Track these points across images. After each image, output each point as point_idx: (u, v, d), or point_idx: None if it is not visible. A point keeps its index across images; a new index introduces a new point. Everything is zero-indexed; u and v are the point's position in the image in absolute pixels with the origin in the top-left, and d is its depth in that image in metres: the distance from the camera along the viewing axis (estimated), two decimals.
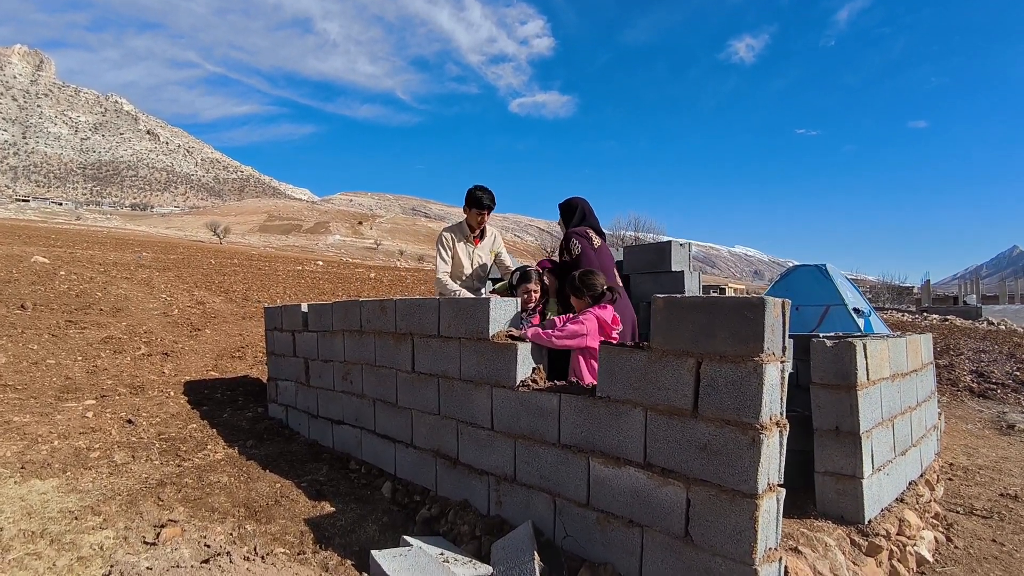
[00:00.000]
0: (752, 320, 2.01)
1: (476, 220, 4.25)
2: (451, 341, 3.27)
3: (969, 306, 28.57)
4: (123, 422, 4.70)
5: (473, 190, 4.20)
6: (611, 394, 2.43)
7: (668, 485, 2.22)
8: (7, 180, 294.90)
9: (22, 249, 20.86)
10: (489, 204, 4.20)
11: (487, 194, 4.21)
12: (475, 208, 4.19)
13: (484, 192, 4.20)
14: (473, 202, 4.19)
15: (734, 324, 2.06)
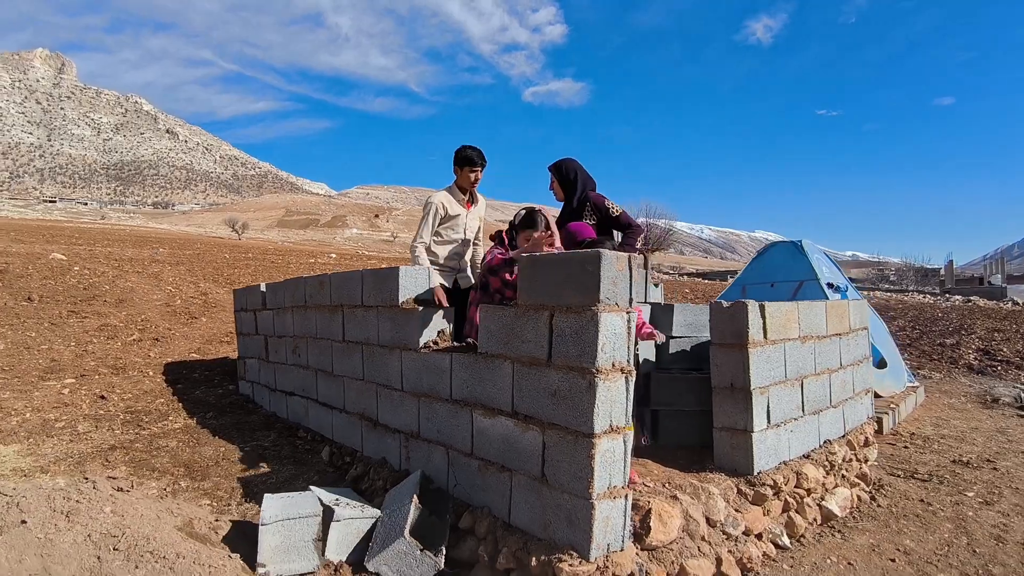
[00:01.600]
0: (591, 273, 2.16)
1: (470, 180, 3.89)
2: (371, 310, 3.47)
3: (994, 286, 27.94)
4: (96, 398, 5.00)
5: (462, 148, 3.86)
6: (488, 350, 2.60)
7: (529, 431, 2.38)
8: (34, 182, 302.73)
9: (43, 247, 21.54)
10: (481, 161, 3.85)
11: (476, 151, 3.86)
12: (467, 167, 3.84)
13: (474, 149, 3.85)
14: (465, 161, 3.83)
15: (578, 277, 2.21)
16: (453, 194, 3.96)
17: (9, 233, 30.92)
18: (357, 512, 2.55)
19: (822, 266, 8.43)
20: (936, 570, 3.22)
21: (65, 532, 1.60)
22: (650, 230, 51.18)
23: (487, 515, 2.55)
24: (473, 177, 3.88)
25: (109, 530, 1.69)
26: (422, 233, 3.84)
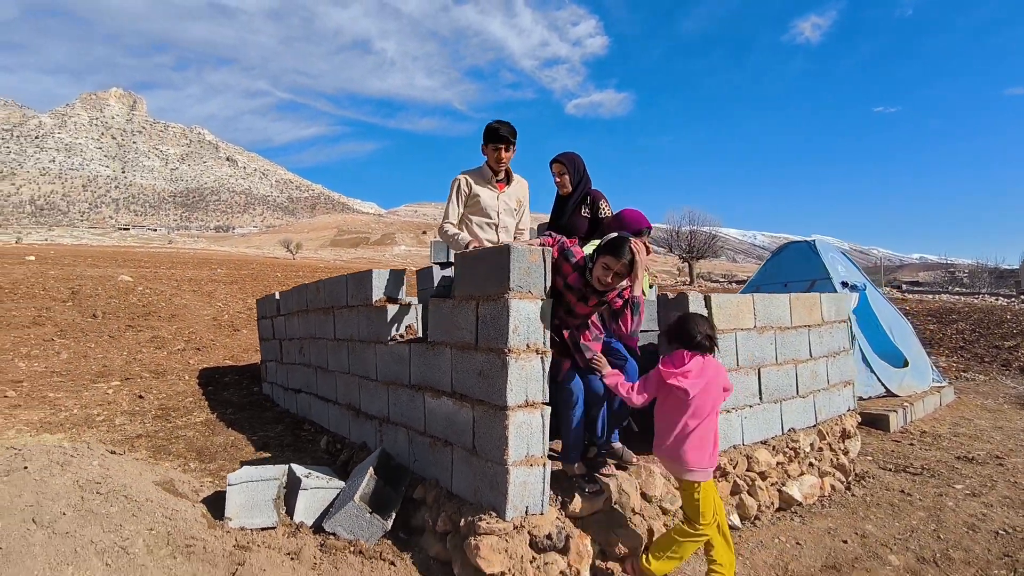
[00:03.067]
0: (503, 264, 2.46)
1: (495, 157, 3.50)
2: (354, 309, 3.85)
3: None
4: (135, 397, 5.61)
5: (490, 123, 3.52)
6: (434, 338, 2.92)
7: (463, 408, 2.68)
8: (111, 211, 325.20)
9: (114, 271, 23.35)
10: (508, 136, 3.46)
11: (505, 124, 3.50)
12: (492, 143, 3.47)
13: (502, 123, 3.50)
14: (490, 136, 3.47)
15: (495, 269, 2.51)
16: (481, 173, 3.59)
17: (87, 259, 33.52)
18: (323, 483, 2.90)
19: (836, 265, 8.35)
20: (888, 551, 3.29)
21: (58, 477, 2.02)
22: (694, 238, 50.30)
23: (435, 486, 2.86)
24: (497, 155, 3.49)
25: (94, 478, 2.10)
26: (448, 213, 3.53)
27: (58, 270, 21.04)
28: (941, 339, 13.08)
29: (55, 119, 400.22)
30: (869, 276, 8.95)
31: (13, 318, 10.26)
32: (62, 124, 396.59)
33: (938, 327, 13.97)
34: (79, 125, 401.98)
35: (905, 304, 20.07)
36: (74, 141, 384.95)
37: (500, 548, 2.33)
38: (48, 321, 10.31)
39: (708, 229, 51.52)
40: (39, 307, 11.60)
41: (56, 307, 11.86)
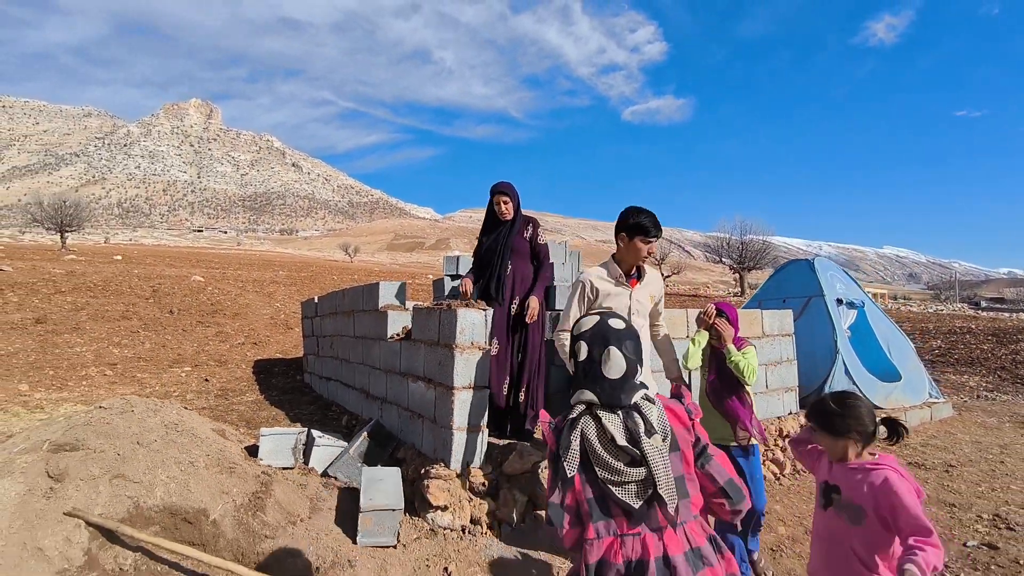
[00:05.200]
0: (454, 288, 3.40)
1: (636, 255, 2.95)
2: (368, 313, 4.88)
3: None
4: (202, 380, 6.87)
5: (631, 212, 2.92)
6: (416, 337, 3.89)
7: (430, 388, 3.63)
8: (187, 214, 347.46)
9: (188, 271, 25.80)
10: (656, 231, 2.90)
11: (650, 216, 2.91)
12: (638, 236, 2.89)
13: (646, 215, 2.90)
14: (635, 229, 2.89)
15: (450, 293, 3.45)
16: (608, 268, 3.03)
17: (165, 259, 36.70)
18: (332, 443, 3.91)
19: (835, 283, 8.81)
20: (780, 524, 3.98)
21: (151, 418, 3.08)
22: (745, 248, 49.37)
23: (412, 448, 3.82)
24: (646, 250, 2.93)
25: (174, 421, 3.15)
26: (566, 320, 2.98)
27: (141, 269, 23.49)
28: (987, 359, 13.01)
29: (141, 128, 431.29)
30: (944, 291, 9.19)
31: (106, 312, 12.00)
32: (147, 133, 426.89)
33: (993, 347, 13.83)
34: (162, 133, 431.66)
35: (976, 322, 19.66)
36: (157, 148, 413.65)
37: (444, 488, 3.26)
38: (134, 316, 11.99)
39: (761, 238, 50.37)
40: (126, 303, 13.40)
41: (140, 303, 13.64)
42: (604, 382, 1.50)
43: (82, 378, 6.73)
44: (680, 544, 1.43)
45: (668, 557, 1.40)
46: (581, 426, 1.48)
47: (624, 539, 1.44)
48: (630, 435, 1.44)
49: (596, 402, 1.50)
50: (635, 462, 1.43)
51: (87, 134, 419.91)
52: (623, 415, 1.47)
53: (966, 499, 4.71)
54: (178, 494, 2.72)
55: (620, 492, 1.42)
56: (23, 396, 5.79)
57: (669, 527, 1.44)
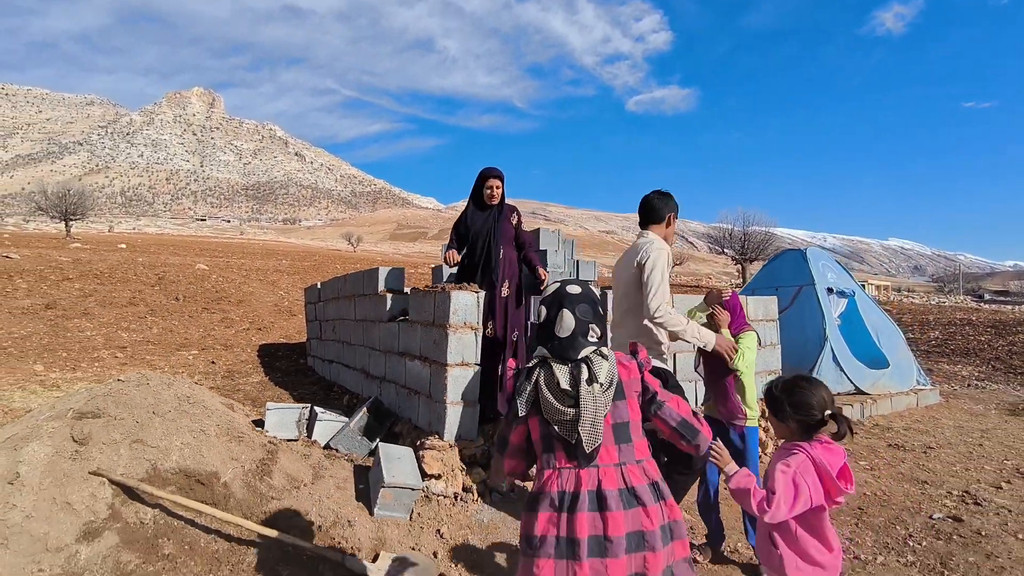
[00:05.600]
0: (452, 275, 3.61)
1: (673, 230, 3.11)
2: (368, 297, 5.10)
3: None
4: (209, 362, 7.12)
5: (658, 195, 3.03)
6: (412, 318, 4.11)
7: (426, 366, 3.85)
8: (190, 203, 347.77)
9: (192, 259, 26.07)
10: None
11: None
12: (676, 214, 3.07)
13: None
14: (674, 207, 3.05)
15: (448, 279, 3.66)
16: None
17: (169, 248, 36.95)
18: (334, 418, 4.14)
19: (827, 273, 9.00)
20: None
21: (166, 391, 3.30)
22: (747, 240, 49.49)
23: (408, 423, 4.05)
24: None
25: (186, 393, 3.38)
26: (665, 292, 2.84)
27: (145, 257, 23.73)
28: (982, 350, 13.20)
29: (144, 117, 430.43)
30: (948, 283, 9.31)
31: (114, 298, 12.26)
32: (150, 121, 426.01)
33: (991, 338, 14.01)
34: (164, 122, 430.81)
35: (977, 314, 19.83)
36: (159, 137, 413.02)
37: (438, 458, 3.49)
38: (141, 302, 12.25)
39: (763, 229, 50.47)
40: (133, 290, 13.66)
41: (146, 290, 13.90)
42: (555, 339, 1.69)
43: (94, 360, 6.99)
44: (616, 481, 1.59)
45: (601, 491, 1.57)
46: (535, 374, 1.68)
47: (560, 471, 1.62)
48: (573, 381, 1.62)
49: (549, 356, 1.69)
50: (568, 403, 1.61)
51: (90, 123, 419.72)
52: (571, 366, 1.65)
53: (939, 477, 4.92)
54: (191, 458, 2.95)
55: (559, 428, 1.61)
56: (39, 376, 6.05)
57: (611, 466, 1.61)
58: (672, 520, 1.63)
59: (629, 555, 1.54)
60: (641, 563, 1.55)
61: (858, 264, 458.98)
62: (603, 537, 1.54)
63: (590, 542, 1.53)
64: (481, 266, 3.90)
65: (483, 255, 3.94)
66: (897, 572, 3.25)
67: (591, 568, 1.52)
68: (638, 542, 1.56)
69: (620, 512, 1.55)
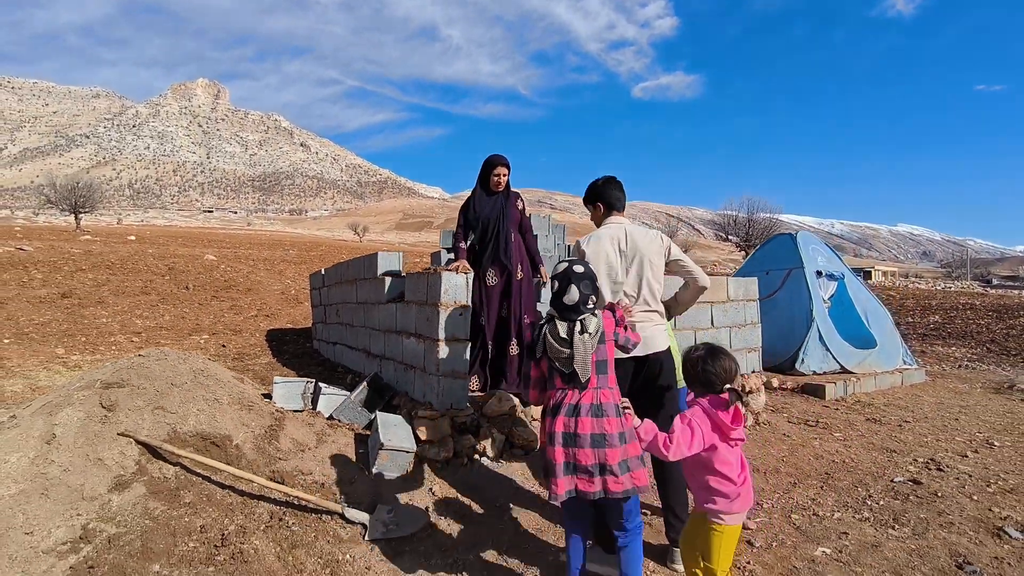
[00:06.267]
0: (438, 254, 3.90)
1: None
2: (369, 281, 5.41)
3: None
4: (219, 346, 7.47)
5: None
6: (409, 298, 4.41)
7: (421, 343, 4.16)
8: (197, 194, 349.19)
9: (201, 250, 26.49)
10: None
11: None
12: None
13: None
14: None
15: (443, 262, 3.95)
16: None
17: (177, 239, 37.43)
18: (337, 392, 4.47)
19: (817, 256, 9.23)
20: None
21: (182, 364, 3.63)
22: (752, 226, 49.61)
23: (405, 395, 4.37)
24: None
25: (200, 367, 3.70)
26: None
27: (155, 249, 24.16)
28: (979, 333, 13.40)
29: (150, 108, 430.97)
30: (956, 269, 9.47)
31: (126, 288, 12.66)
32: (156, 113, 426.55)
33: (990, 322, 14.21)
34: (170, 114, 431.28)
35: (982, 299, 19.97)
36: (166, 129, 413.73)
37: (430, 426, 3.81)
38: (153, 291, 12.64)
39: (768, 215, 50.58)
40: (144, 280, 14.06)
41: (157, 280, 14.29)
42: (563, 306, 2.39)
43: (111, 344, 7.35)
44: (590, 398, 2.32)
45: (578, 404, 2.32)
46: (545, 328, 2.39)
47: (557, 392, 2.38)
48: (569, 331, 2.33)
49: (556, 315, 2.40)
50: (564, 346, 2.32)
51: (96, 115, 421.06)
52: (569, 323, 2.35)
53: (908, 447, 5.20)
54: (207, 423, 3.28)
55: (558, 363, 2.35)
56: (61, 358, 6.41)
57: (590, 389, 2.32)
58: (626, 429, 2.33)
59: (594, 449, 2.27)
60: (604, 456, 2.26)
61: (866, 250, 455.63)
62: (574, 433, 2.28)
63: (564, 436, 2.30)
64: (490, 250, 4.04)
65: (492, 239, 4.07)
66: (851, 526, 3.55)
67: (563, 452, 2.30)
68: (599, 440, 2.27)
69: (588, 419, 2.29)
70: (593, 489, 2.28)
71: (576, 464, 2.28)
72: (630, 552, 2.46)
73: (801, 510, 3.79)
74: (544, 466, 2.41)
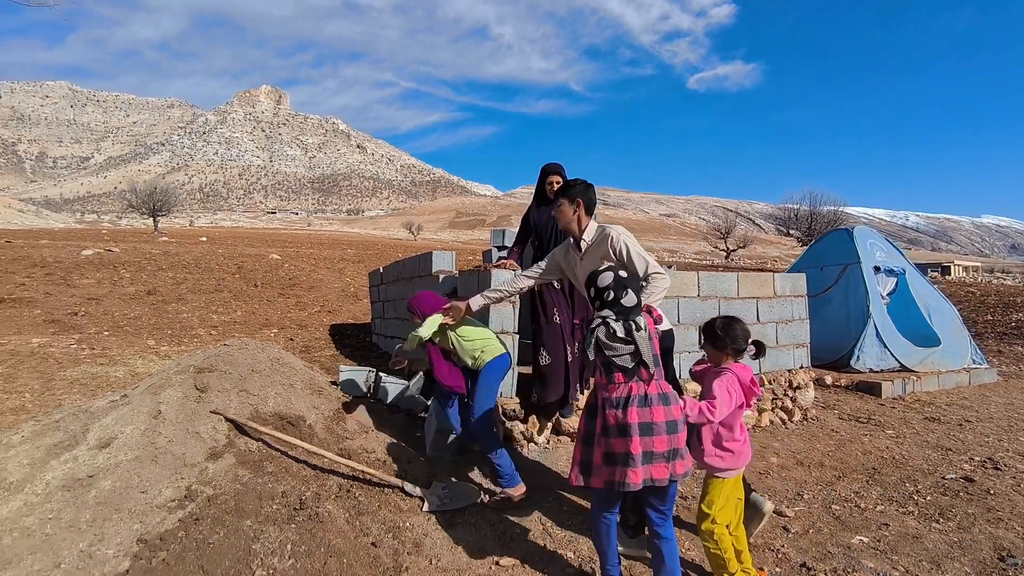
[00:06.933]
0: (488, 252, 4.18)
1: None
2: (423, 278, 5.76)
3: None
4: (287, 339, 8.05)
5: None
6: (462, 294, 4.72)
7: None
8: (261, 197, 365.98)
9: (265, 250, 28.00)
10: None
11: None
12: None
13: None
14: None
15: (494, 259, 4.23)
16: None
17: (244, 240, 39.56)
18: (395, 381, 4.83)
19: (875, 251, 8.99)
20: (772, 454, 4.56)
21: (260, 353, 4.07)
22: (814, 220, 47.81)
23: None
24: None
25: (276, 356, 4.14)
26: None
27: (224, 249, 25.70)
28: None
29: (217, 116, 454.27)
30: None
31: (202, 285, 13.65)
32: (223, 120, 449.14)
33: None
34: (236, 120, 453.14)
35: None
36: (232, 135, 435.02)
37: None
38: (225, 288, 13.57)
39: (833, 209, 48.58)
40: (217, 278, 15.08)
41: (228, 278, 15.30)
42: (622, 308, 2.54)
43: (193, 336, 8.06)
44: (655, 388, 2.47)
45: (647, 394, 2.45)
46: (597, 330, 2.51)
47: (619, 386, 2.49)
48: (627, 330, 2.48)
49: (612, 317, 2.52)
50: (627, 344, 2.47)
51: (171, 124, 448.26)
52: (625, 322, 2.50)
53: (966, 446, 5.09)
54: (284, 405, 3.69)
55: (619, 360, 2.48)
56: (152, 348, 7.12)
57: (645, 381, 2.47)
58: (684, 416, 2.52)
59: (668, 435, 2.41)
60: (676, 441, 2.43)
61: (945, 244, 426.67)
62: (650, 423, 2.41)
63: (641, 426, 2.41)
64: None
65: (546, 247, 4.13)
66: (893, 518, 3.59)
67: (640, 443, 2.39)
68: (672, 427, 2.43)
69: (660, 407, 2.44)
70: (666, 475, 2.41)
71: (653, 452, 2.39)
72: (672, 544, 2.56)
73: (843, 502, 3.84)
74: (609, 458, 2.45)
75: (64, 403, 4.65)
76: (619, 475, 2.40)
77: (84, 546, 2.45)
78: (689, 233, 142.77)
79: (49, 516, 2.58)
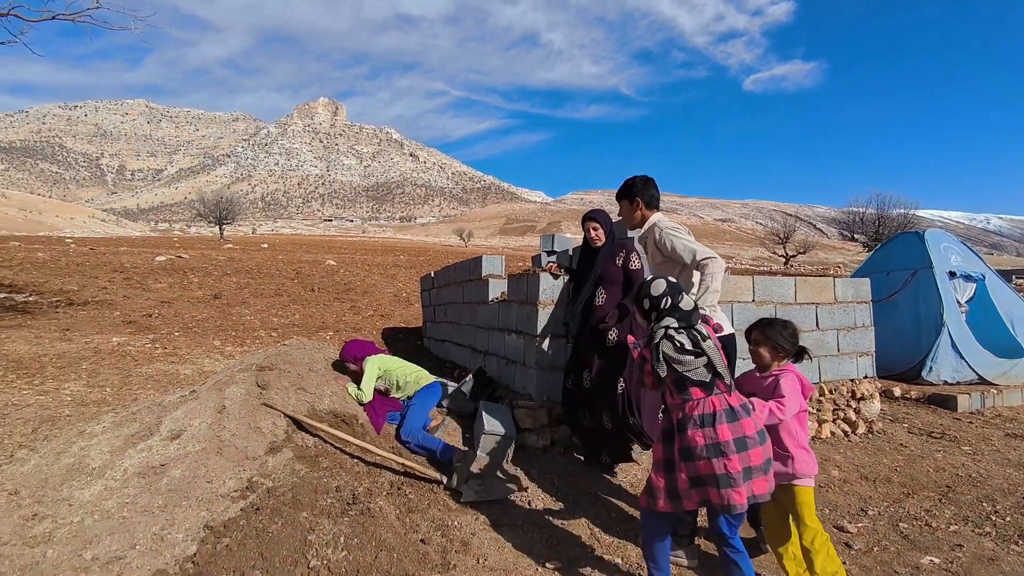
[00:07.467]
0: (538, 257, 4.19)
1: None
2: (473, 282, 5.83)
3: None
4: (342, 341, 8.29)
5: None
6: (511, 299, 4.75)
7: (520, 339, 4.47)
8: (318, 205, 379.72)
9: (322, 256, 29.00)
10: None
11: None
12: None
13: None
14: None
15: (543, 263, 4.25)
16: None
17: (302, 247, 41.11)
18: (451, 380, 4.91)
19: (949, 255, 8.47)
20: (835, 468, 4.34)
21: (316, 353, 4.24)
22: (882, 224, 45.67)
23: (507, 388, 4.70)
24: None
25: (332, 357, 4.30)
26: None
27: (284, 255, 26.76)
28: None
29: (279, 128, 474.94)
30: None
31: (263, 290, 14.26)
32: (284, 132, 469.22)
33: None
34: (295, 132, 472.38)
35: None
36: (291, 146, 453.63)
37: (529, 415, 4.11)
38: (284, 293, 14.14)
39: (903, 212, 46.38)
40: (277, 283, 15.72)
41: (287, 283, 15.92)
42: (683, 313, 2.45)
43: (255, 338, 8.44)
44: (737, 399, 2.38)
45: (732, 407, 2.33)
46: (662, 344, 2.40)
47: (697, 402, 2.36)
48: (693, 341, 2.37)
49: (674, 326, 2.41)
50: (698, 356, 2.35)
51: (236, 137, 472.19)
52: (687, 331, 2.40)
53: None
54: (338, 404, 3.81)
55: (693, 374, 2.36)
56: (218, 348, 7.50)
57: (725, 393, 2.37)
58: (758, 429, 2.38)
59: (762, 446, 2.31)
60: (769, 451, 2.35)
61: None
62: (743, 437, 2.28)
63: (736, 442, 2.27)
64: (578, 311, 3.86)
65: (580, 299, 3.87)
66: (967, 539, 3.37)
67: (739, 460, 2.25)
68: (764, 436, 2.35)
69: (748, 420, 2.33)
70: (766, 489, 2.31)
71: (751, 467, 2.26)
72: (746, 556, 2.41)
73: (911, 520, 3.63)
74: (697, 481, 2.30)
75: (140, 397, 4.96)
76: (716, 497, 2.26)
77: (157, 530, 2.61)
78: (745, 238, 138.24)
79: (126, 500, 2.76)
